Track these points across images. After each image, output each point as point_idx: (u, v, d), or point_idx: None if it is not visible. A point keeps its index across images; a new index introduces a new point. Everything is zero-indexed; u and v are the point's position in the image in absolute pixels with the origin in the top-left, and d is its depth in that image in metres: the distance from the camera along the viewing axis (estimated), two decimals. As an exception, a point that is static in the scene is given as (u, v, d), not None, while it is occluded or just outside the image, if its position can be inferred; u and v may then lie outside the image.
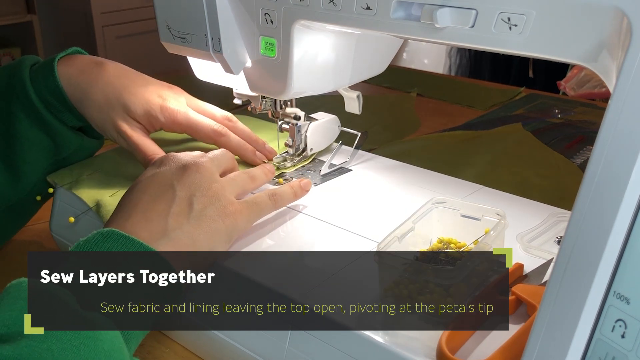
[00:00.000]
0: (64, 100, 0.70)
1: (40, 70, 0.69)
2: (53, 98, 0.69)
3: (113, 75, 0.71)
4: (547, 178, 0.92)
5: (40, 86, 0.69)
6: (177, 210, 0.55)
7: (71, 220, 0.67)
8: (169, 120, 0.71)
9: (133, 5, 2.72)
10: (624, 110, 0.36)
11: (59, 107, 0.70)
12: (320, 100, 0.78)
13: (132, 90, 0.70)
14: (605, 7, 0.41)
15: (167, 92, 0.72)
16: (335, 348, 0.49)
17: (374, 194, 0.70)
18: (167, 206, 0.55)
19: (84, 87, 0.70)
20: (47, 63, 0.70)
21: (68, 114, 0.71)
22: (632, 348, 0.35)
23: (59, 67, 0.70)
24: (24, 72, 0.69)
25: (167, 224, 0.54)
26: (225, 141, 0.72)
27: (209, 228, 0.56)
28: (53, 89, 0.69)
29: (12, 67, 0.70)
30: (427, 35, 0.52)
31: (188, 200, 0.56)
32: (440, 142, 1.06)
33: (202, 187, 0.57)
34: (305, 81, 0.67)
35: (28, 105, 0.69)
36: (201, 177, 0.58)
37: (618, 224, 0.36)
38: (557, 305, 0.38)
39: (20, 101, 0.69)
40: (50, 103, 0.69)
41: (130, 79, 0.71)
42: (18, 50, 2.73)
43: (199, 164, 0.59)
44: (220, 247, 0.56)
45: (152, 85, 0.72)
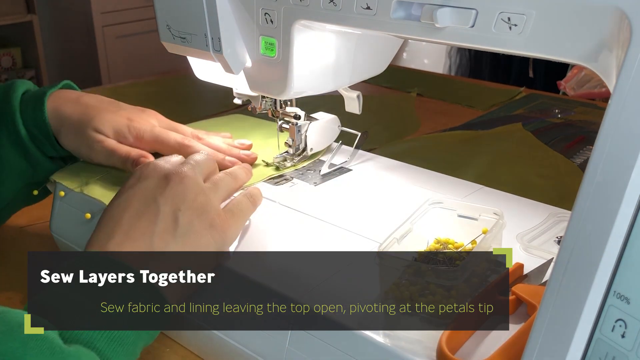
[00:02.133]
0: (47, 133, 0.72)
1: (30, 102, 0.72)
2: (37, 130, 0.71)
3: (88, 104, 0.73)
4: (547, 178, 0.92)
5: (29, 118, 0.71)
6: (162, 227, 0.52)
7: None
8: (136, 138, 0.72)
9: (133, 5, 2.72)
10: (624, 110, 0.36)
11: (41, 139, 0.72)
12: (320, 100, 0.78)
13: (103, 115, 0.72)
14: (605, 7, 0.41)
15: (137, 114, 0.74)
16: (335, 348, 0.49)
17: (374, 194, 0.70)
18: (151, 224, 0.52)
19: (63, 118, 0.72)
20: (38, 96, 0.72)
21: (48, 146, 0.73)
22: (632, 348, 0.35)
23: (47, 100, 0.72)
24: (15, 101, 0.71)
25: (153, 244, 0.52)
26: (191, 152, 0.70)
27: (198, 244, 0.53)
28: (39, 123, 0.71)
29: (4, 92, 0.72)
30: (427, 35, 0.52)
31: (173, 215, 0.53)
32: (440, 142, 1.06)
33: (187, 199, 0.54)
34: (305, 81, 0.67)
35: (15, 134, 0.71)
36: (185, 188, 0.55)
37: (618, 224, 0.36)
38: (557, 305, 0.38)
39: (8, 129, 0.71)
40: (34, 135, 0.72)
41: (103, 106, 0.74)
42: (18, 50, 2.74)
43: (182, 174, 0.56)
44: (210, 262, 0.54)
45: (123, 110, 0.74)
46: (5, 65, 2.72)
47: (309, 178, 0.73)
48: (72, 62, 2.82)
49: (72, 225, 0.71)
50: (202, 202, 0.55)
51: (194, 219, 0.54)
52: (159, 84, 1.45)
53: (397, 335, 0.47)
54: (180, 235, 0.53)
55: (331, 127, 0.78)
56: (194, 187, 0.55)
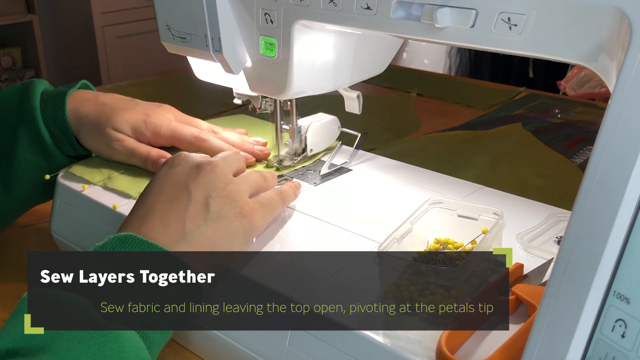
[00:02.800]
0: (67, 132, 0.73)
1: (50, 102, 0.73)
2: (57, 129, 0.73)
3: (105, 103, 0.75)
4: (547, 178, 0.92)
5: (49, 117, 0.73)
6: (194, 212, 0.55)
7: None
8: (153, 133, 0.74)
9: (133, 5, 2.72)
10: (624, 110, 0.36)
11: (60, 138, 0.74)
12: (320, 100, 0.78)
13: (120, 112, 0.74)
14: (605, 7, 0.41)
15: (153, 109, 0.76)
16: (335, 348, 0.49)
17: (374, 194, 0.70)
18: (183, 208, 0.55)
19: (81, 118, 0.73)
20: (58, 96, 0.74)
21: (67, 145, 0.74)
22: (632, 348, 0.35)
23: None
24: (35, 100, 0.73)
25: (185, 227, 0.54)
26: (207, 146, 0.73)
27: (227, 229, 0.55)
28: (60, 122, 0.73)
29: (22, 91, 0.74)
30: (427, 35, 0.52)
31: (204, 201, 0.55)
32: (440, 142, 1.06)
33: (217, 187, 0.57)
34: (305, 81, 0.67)
35: (35, 133, 0.72)
36: (216, 177, 0.57)
37: (618, 224, 0.36)
38: (557, 305, 0.38)
39: (28, 127, 0.72)
40: (54, 134, 0.73)
41: (119, 104, 0.75)
42: (18, 50, 2.74)
43: (213, 164, 0.58)
44: (238, 247, 0.56)
45: (139, 107, 0.76)
46: (5, 65, 2.72)
47: (309, 178, 0.73)
48: (72, 62, 2.82)
49: (72, 225, 0.71)
50: (232, 191, 0.57)
51: (224, 206, 0.56)
52: (159, 84, 1.45)
53: (397, 335, 0.47)
54: (211, 220, 0.55)
55: (331, 128, 0.78)
56: (224, 177, 0.58)
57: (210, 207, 0.55)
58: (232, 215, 0.56)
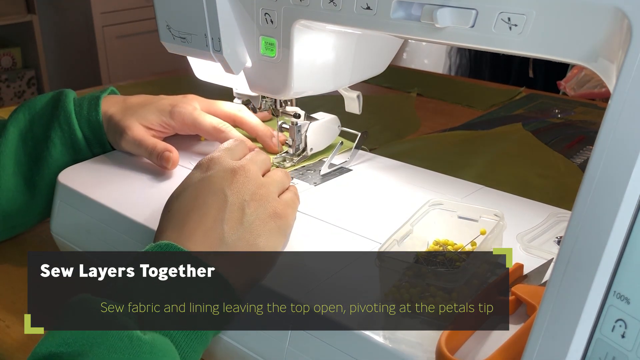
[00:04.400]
0: (99, 133, 0.77)
1: (85, 105, 0.77)
2: (90, 131, 0.77)
3: (133, 102, 0.78)
4: (547, 178, 0.92)
5: (83, 118, 0.76)
6: (230, 216, 0.56)
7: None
8: (179, 122, 0.76)
9: (133, 5, 2.72)
10: (624, 110, 0.36)
11: (91, 140, 0.77)
12: (320, 100, 0.78)
13: (148, 106, 0.77)
14: (605, 7, 0.41)
15: (179, 99, 0.78)
16: (335, 348, 0.49)
17: (374, 194, 0.70)
18: (220, 212, 0.56)
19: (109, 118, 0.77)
20: (92, 99, 0.78)
21: (98, 146, 0.78)
22: (632, 348, 0.35)
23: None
24: (69, 105, 0.77)
25: (224, 231, 0.55)
26: (224, 137, 0.75)
27: (263, 230, 0.57)
28: (93, 124, 0.77)
29: (55, 98, 0.78)
30: (427, 35, 0.52)
31: (239, 205, 0.57)
32: (440, 142, 1.06)
33: (251, 191, 0.58)
34: (305, 81, 0.67)
35: (69, 135, 0.76)
36: (249, 181, 0.59)
37: (618, 224, 0.36)
38: (557, 305, 0.38)
39: (62, 130, 0.76)
40: (86, 136, 0.77)
41: (148, 100, 0.78)
42: (18, 50, 2.74)
43: (246, 169, 0.60)
44: (278, 246, 0.58)
45: (165, 99, 0.78)
46: (5, 65, 2.72)
47: (309, 178, 0.73)
48: (72, 62, 2.82)
49: (72, 225, 0.71)
50: (264, 193, 0.59)
51: (258, 208, 0.58)
52: (159, 84, 1.45)
53: (397, 336, 0.47)
54: (247, 223, 0.56)
55: (331, 127, 0.78)
56: (256, 181, 0.59)
57: (245, 211, 0.57)
58: (266, 216, 0.57)
